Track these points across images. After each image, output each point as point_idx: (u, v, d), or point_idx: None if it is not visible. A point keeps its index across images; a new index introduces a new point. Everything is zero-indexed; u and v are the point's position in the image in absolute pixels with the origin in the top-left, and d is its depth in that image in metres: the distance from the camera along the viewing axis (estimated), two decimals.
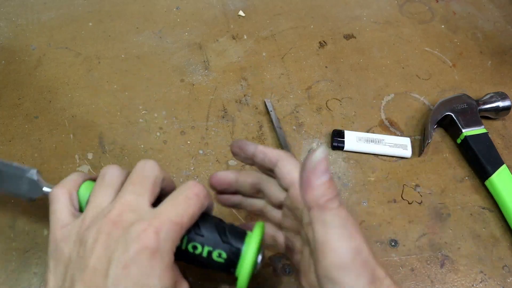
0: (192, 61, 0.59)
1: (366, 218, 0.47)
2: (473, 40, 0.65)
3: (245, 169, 0.49)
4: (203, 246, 0.32)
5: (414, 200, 0.49)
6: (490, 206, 0.49)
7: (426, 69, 0.61)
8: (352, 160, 0.51)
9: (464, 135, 0.51)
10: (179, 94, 0.55)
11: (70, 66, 0.57)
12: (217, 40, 0.62)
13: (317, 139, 0.53)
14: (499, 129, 0.55)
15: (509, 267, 0.45)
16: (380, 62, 0.61)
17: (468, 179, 0.51)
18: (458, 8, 0.70)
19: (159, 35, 0.62)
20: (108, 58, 0.58)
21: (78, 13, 0.63)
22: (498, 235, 0.47)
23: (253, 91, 0.56)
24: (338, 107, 0.56)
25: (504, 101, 0.54)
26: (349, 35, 0.64)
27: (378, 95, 0.57)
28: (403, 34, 0.65)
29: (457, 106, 0.53)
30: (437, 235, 0.46)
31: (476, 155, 0.50)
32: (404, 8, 0.69)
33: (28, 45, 0.59)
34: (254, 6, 0.67)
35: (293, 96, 0.56)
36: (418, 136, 0.54)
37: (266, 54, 0.61)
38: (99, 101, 0.54)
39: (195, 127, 0.53)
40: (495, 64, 0.62)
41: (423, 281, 0.43)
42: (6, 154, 0.49)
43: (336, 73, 0.59)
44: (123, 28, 0.62)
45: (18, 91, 0.54)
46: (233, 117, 0.54)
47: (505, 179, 0.48)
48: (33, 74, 0.56)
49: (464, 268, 0.44)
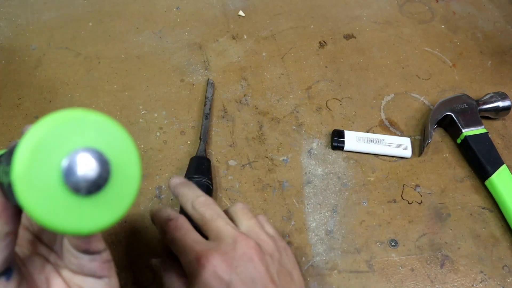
0: (192, 61, 0.59)
1: (366, 218, 0.47)
2: (473, 40, 0.65)
3: (244, 169, 0.49)
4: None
5: (414, 200, 0.49)
6: (490, 206, 0.49)
7: (426, 69, 0.61)
8: (352, 160, 0.51)
9: (464, 135, 0.51)
10: (179, 94, 0.55)
11: (70, 66, 0.57)
12: (217, 40, 0.62)
13: (317, 139, 0.53)
14: (499, 129, 0.55)
15: (509, 267, 0.45)
16: (380, 62, 0.61)
17: (468, 179, 0.51)
18: (458, 8, 0.70)
19: (159, 35, 0.62)
20: (108, 58, 0.58)
21: (78, 13, 0.63)
22: (498, 235, 0.47)
23: (253, 91, 0.56)
24: (338, 107, 0.56)
25: (504, 101, 0.54)
26: (349, 35, 0.64)
27: (378, 95, 0.57)
28: (403, 34, 0.65)
29: (457, 106, 0.53)
30: (437, 235, 0.46)
31: (476, 155, 0.50)
32: (404, 8, 0.69)
33: (28, 45, 0.59)
34: (254, 6, 0.67)
35: (293, 96, 0.56)
36: (418, 136, 0.54)
37: (266, 54, 0.61)
38: (99, 101, 0.54)
39: (195, 127, 0.53)
40: (495, 64, 0.62)
41: (423, 281, 0.43)
42: None
43: (336, 73, 0.59)
44: (123, 28, 0.62)
45: (18, 91, 0.54)
46: (233, 117, 0.54)
47: (505, 179, 0.48)
48: (33, 74, 0.56)
49: (464, 268, 0.44)
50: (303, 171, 0.50)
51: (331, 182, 0.49)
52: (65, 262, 0.27)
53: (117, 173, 0.20)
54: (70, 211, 0.19)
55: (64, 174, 0.19)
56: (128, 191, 0.21)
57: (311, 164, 0.51)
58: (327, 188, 0.49)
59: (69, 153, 0.19)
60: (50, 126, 0.19)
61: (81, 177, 0.19)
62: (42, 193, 0.19)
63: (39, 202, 0.19)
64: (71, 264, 0.27)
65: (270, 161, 0.50)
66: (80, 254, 0.26)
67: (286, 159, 0.51)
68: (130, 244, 0.43)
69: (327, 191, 0.49)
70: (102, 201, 0.20)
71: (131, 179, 0.21)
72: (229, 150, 0.51)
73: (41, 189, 0.18)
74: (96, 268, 0.27)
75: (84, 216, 0.20)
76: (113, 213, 0.21)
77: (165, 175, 0.48)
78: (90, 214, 0.20)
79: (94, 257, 0.26)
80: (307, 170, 0.50)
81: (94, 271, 0.27)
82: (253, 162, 0.50)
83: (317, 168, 0.50)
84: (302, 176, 0.50)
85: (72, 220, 0.19)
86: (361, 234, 0.46)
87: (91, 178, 0.19)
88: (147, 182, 0.48)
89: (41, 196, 0.19)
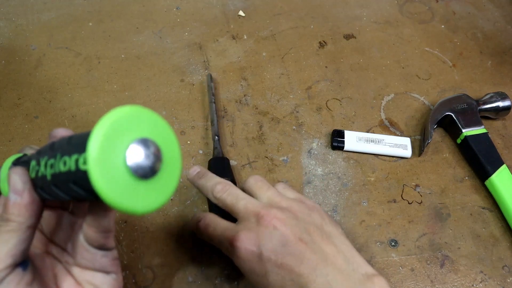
0: (192, 61, 0.59)
1: (366, 218, 0.47)
2: (473, 40, 0.65)
3: (244, 169, 0.49)
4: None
5: (414, 200, 0.49)
6: (490, 206, 0.49)
7: (426, 69, 0.61)
8: (352, 160, 0.51)
9: (464, 135, 0.51)
10: (179, 94, 0.55)
11: (70, 66, 0.57)
12: (217, 40, 0.62)
13: (317, 139, 0.53)
14: (499, 129, 0.55)
15: (509, 267, 0.45)
16: (380, 62, 0.61)
17: (468, 179, 0.51)
18: (458, 8, 0.70)
19: (159, 35, 0.62)
20: (108, 58, 0.58)
21: (78, 13, 0.63)
22: (498, 235, 0.47)
23: (253, 91, 0.56)
24: (338, 107, 0.56)
25: (504, 101, 0.54)
26: (349, 35, 0.64)
27: (378, 95, 0.57)
28: (403, 34, 0.65)
29: (457, 106, 0.53)
30: (437, 235, 0.46)
31: (476, 155, 0.50)
32: (404, 8, 0.69)
33: (28, 45, 0.59)
34: (254, 6, 0.67)
35: (293, 96, 0.56)
36: (418, 136, 0.54)
37: (266, 54, 0.61)
38: (99, 101, 0.54)
39: (195, 127, 0.53)
40: (495, 64, 0.62)
41: (423, 281, 0.43)
42: (6, 154, 0.49)
43: (336, 73, 0.59)
44: (123, 28, 0.62)
45: (18, 91, 0.54)
46: (233, 117, 0.54)
47: (505, 179, 0.48)
48: (33, 74, 0.56)
49: (464, 268, 0.44)
50: (303, 171, 0.50)
51: (331, 182, 0.49)
52: (77, 259, 0.30)
53: (166, 161, 0.24)
54: (132, 193, 0.22)
55: (129, 160, 0.22)
56: (173, 177, 0.25)
57: (311, 164, 0.51)
58: (327, 188, 0.49)
59: (132, 142, 0.22)
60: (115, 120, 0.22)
61: (141, 162, 0.22)
62: (112, 175, 0.21)
63: (109, 184, 0.21)
64: (83, 259, 0.29)
65: (270, 161, 0.50)
66: (95, 250, 0.29)
67: (286, 159, 0.51)
68: (130, 244, 0.43)
69: (327, 191, 0.49)
70: (155, 185, 0.23)
71: (175, 166, 0.25)
72: (229, 150, 0.51)
73: (110, 172, 0.21)
74: (107, 264, 0.30)
75: (142, 197, 0.22)
76: (163, 196, 0.24)
77: None
78: (147, 196, 0.23)
79: (106, 253, 0.30)
80: (307, 170, 0.50)
81: (105, 266, 0.30)
82: (253, 162, 0.50)
83: (317, 168, 0.50)
84: (302, 176, 0.50)
85: (133, 200, 0.22)
86: (361, 234, 0.46)
87: (149, 164, 0.22)
88: None
89: (110, 179, 0.21)
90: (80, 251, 0.29)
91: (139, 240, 0.44)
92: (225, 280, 0.42)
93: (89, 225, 0.28)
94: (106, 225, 0.28)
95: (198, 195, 0.47)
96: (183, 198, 0.47)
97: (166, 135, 0.24)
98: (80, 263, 0.30)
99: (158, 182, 0.23)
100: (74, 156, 0.23)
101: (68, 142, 0.24)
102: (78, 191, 0.23)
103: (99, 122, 0.22)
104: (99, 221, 0.28)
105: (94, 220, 0.28)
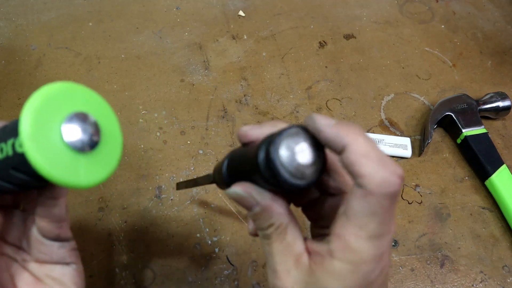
0: (192, 61, 0.59)
1: None
2: (473, 40, 0.65)
3: None
4: None
5: (414, 200, 0.49)
6: (490, 206, 0.49)
7: (426, 69, 0.61)
8: None
9: (464, 135, 0.51)
10: (179, 94, 0.55)
11: (70, 66, 0.57)
12: (217, 40, 0.62)
13: None
14: (499, 129, 0.55)
15: (509, 267, 0.45)
16: (380, 62, 0.61)
17: (468, 179, 0.51)
18: (458, 8, 0.70)
19: (159, 35, 0.62)
20: (108, 58, 0.58)
21: (78, 13, 0.63)
22: (498, 235, 0.47)
23: (253, 91, 0.56)
24: (338, 107, 0.56)
25: (504, 101, 0.54)
26: (349, 35, 0.64)
27: (378, 95, 0.57)
28: (403, 34, 0.65)
29: (457, 106, 0.53)
30: (437, 235, 0.46)
31: (476, 155, 0.50)
32: (404, 8, 0.69)
33: (28, 45, 0.59)
34: (254, 6, 0.67)
35: (293, 96, 0.56)
36: (418, 136, 0.54)
37: (266, 54, 0.61)
38: None
39: (195, 127, 0.53)
40: (495, 64, 0.62)
41: (423, 281, 0.43)
42: None
43: (336, 73, 0.59)
44: (123, 28, 0.62)
45: (18, 91, 0.54)
46: (233, 117, 0.54)
47: (505, 179, 0.48)
48: (33, 74, 0.56)
49: (464, 268, 0.44)
50: None
51: None
52: (34, 254, 0.29)
53: (105, 134, 0.24)
54: (73, 167, 0.22)
55: (65, 135, 0.22)
56: (115, 149, 0.24)
57: None
58: None
59: (67, 116, 0.22)
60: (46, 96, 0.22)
61: (79, 136, 0.22)
62: (49, 151, 0.21)
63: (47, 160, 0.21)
64: (40, 253, 0.29)
65: None
66: (50, 242, 0.28)
67: None
68: (130, 244, 0.43)
69: None
70: (97, 158, 0.23)
71: (116, 139, 0.25)
72: (229, 150, 0.51)
73: (47, 148, 0.21)
74: (65, 255, 0.29)
75: (85, 171, 0.22)
76: (106, 168, 0.24)
77: (165, 175, 0.48)
78: (89, 170, 0.23)
79: (63, 244, 0.29)
80: None
81: (64, 258, 0.29)
82: None
83: None
84: None
85: (75, 175, 0.22)
86: None
87: (87, 136, 0.22)
88: (147, 182, 0.48)
89: (48, 155, 0.21)
90: (35, 246, 0.29)
91: (139, 240, 0.44)
92: (225, 280, 0.42)
93: (41, 217, 0.27)
94: (57, 214, 0.27)
95: (198, 195, 0.47)
96: (183, 198, 0.47)
97: (102, 109, 0.24)
98: (38, 258, 0.29)
99: (99, 155, 0.23)
100: (10, 141, 0.22)
101: (2, 130, 0.24)
102: (20, 176, 0.23)
103: (28, 100, 0.21)
104: (50, 210, 0.27)
105: (45, 210, 0.27)
